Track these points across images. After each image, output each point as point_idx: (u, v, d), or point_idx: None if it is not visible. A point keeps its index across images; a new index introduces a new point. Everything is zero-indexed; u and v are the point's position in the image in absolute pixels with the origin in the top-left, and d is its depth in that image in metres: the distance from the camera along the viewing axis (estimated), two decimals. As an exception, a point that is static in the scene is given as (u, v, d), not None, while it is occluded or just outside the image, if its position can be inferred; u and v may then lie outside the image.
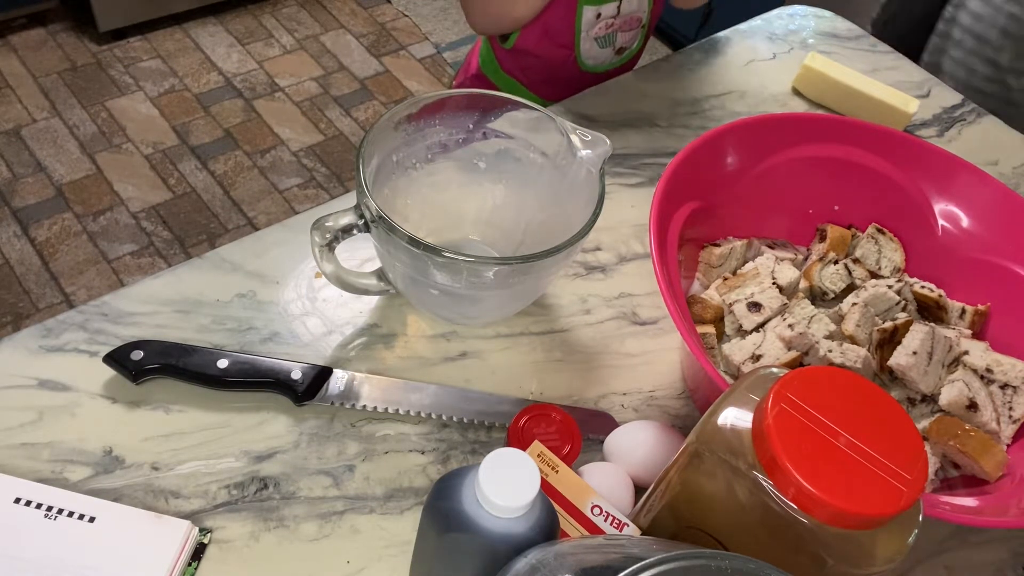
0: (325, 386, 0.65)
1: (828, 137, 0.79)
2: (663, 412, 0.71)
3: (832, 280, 0.77)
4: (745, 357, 0.70)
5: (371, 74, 2.45)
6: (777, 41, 1.13)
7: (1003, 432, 0.69)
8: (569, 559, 0.40)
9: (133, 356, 0.64)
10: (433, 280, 0.64)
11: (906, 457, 0.42)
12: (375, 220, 0.61)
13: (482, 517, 0.43)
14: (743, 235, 0.80)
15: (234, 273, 0.73)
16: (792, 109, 1.03)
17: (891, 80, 1.06)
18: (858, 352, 0.69)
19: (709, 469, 0.47)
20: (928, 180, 0.79)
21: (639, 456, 0.63)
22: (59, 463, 0.60)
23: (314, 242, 0.64)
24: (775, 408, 0.42)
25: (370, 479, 0.63)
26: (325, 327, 0.71)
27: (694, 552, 0.35)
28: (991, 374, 0.70)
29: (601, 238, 0.83)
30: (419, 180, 0.73)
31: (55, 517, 0.55)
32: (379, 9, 2.66)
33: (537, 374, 0.71)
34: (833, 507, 0.40)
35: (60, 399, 0.63)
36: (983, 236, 0.77)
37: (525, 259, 0.61)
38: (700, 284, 0.78)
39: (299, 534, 0.60)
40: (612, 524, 0.55)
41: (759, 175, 0.78)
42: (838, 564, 0.43)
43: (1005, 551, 0.68)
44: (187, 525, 0.57)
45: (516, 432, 0.63)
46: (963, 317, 0.76)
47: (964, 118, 1.07)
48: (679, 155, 0.71)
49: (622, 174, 0.89)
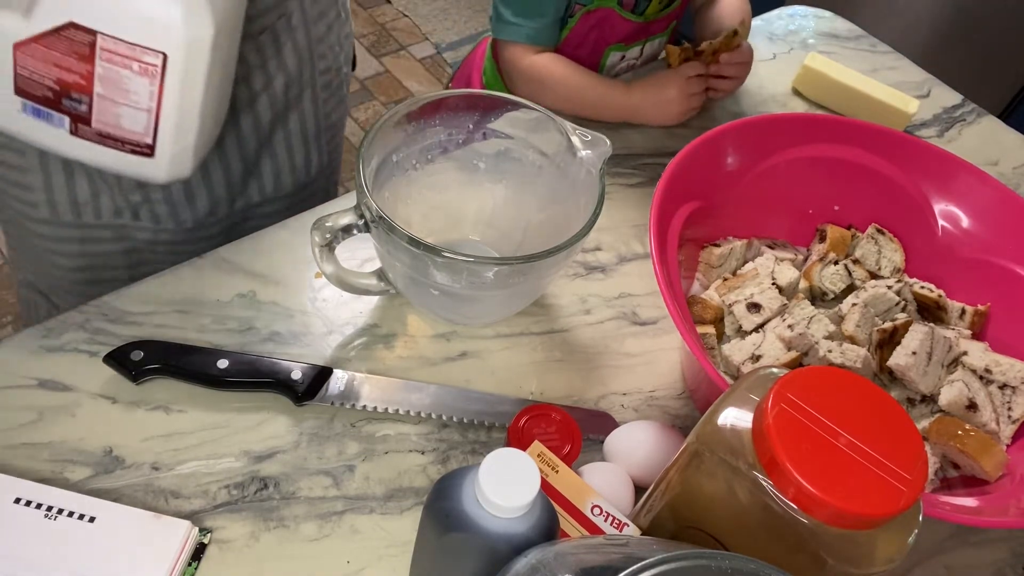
0: (325, 386, 0.65)
1: (828, 137, 0.79)
2: (663, 412, 0.71)
3: (832, 281, 0.77)
4: (745, 357, 0.70)
5: (371, 74, 2.45)
6: (777, 41, 1.13)
7: (1002, 432, 0.69)
8: (569, 559, 0.40)
9: (133, 356, 0.64)
10: (433, 280, 0.64)
11: (906, 457, 0.42)
12: (375, 220, 0.61)
13: (482, 517, 0.43)
14: (743, 235, 0.80)
15: (234, 273, 0.73)
16: (792, 109, 1.03)
17: (891, 80, 1.06)
18: (858, 352, 0.69)
19: (709, 469, 0.47)
20: (928, 180, 0.79)
21: (639, 456, 0.63)
22: (59, 463, 0.60)
23: (314, 242, 0.64)
24: (775, 408, 0.42)
25: (370, 479, 0.63)
26: (325, 327, 0.71)
27: (694, 552, 0.36)
28: (990, 374, 0.70)
29: (601, 238, 0.83)
30: (419, 180, 0.73)
31: (55, 517, 0.55)
32: (379, 9, 2.66)
33: (537, 374, 0.71)
34: (833, 507, 0.40)
35: (60, 399, 0.63)
36: (983, 236, 0.77)
37: (525, 259, 0.61)
38: (700, 284, 0.78)
39: (299, 534, 0.60)
40: (612, 524, 0.55)
41: (759, 175, 0.78)
42: (838, 564, 0.43)
43: (1005, 551, 0.68)
44: (187, 525, 0.57)
45: (516, 432, 0.63)
46: (963, 317, 0.76)
47: (964, 118, 1.07)
48: (679, 155, 0.71)
49: (622, 174, 0.89)
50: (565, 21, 0.96)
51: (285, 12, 0.79)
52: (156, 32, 0.61)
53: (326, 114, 0.91)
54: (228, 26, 0.65)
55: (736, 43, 0.94)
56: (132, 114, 0.65)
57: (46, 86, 0.64)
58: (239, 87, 0.79)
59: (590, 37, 0.98)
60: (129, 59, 0.62)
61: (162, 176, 0.70)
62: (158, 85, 0.63)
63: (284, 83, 0.83)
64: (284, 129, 0.86)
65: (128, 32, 0.61)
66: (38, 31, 0.61)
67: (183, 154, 0.69)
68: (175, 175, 0.70)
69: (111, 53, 0.61)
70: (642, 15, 0.98)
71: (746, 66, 0.96)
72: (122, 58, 0.62)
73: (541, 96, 0.90)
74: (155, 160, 0.68)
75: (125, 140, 0.66)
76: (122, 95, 0.64)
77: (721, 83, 0.96)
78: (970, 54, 1.84)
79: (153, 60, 0.62)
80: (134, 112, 0.65)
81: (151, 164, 0.68)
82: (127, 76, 0.63)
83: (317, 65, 0.86)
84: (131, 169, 0.69)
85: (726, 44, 0.94)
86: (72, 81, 0.63)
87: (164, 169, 0.69)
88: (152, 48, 0.62)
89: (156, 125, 0.66)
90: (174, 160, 0.69)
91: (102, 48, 0.61)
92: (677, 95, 0.91)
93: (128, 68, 0.62)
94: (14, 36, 0.62)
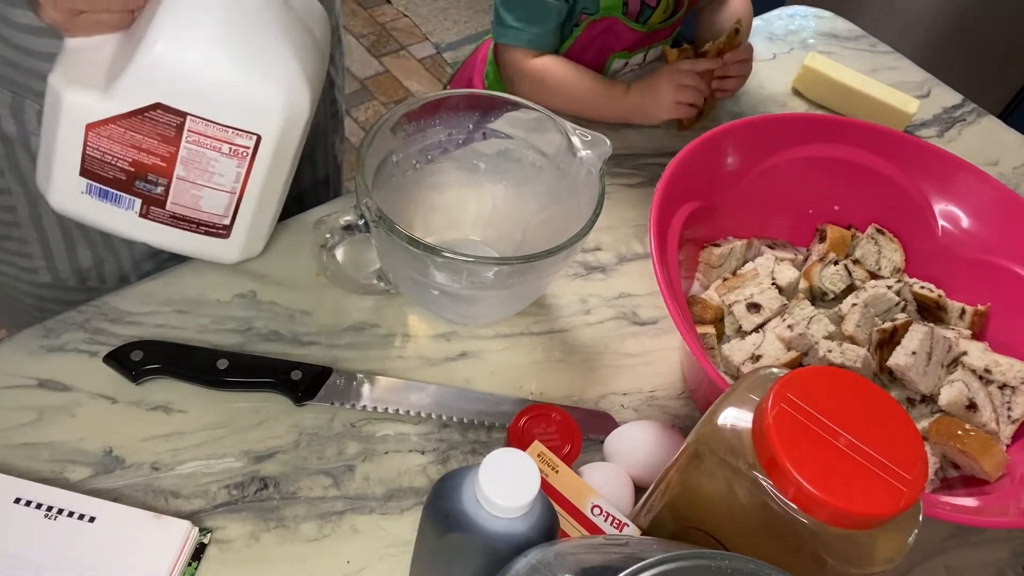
0: (325, 386, 0.65)
1: (828, 137, 0.79)
2: (663, 412, 0.71)
3: (832, 281, 0.77)
4: (745, 358, 0.70)
5: (371, 74, 2.45)
6: (777, 41, 1.13)
7: (1002, 432, 0.69)
8: (569, 559, 0.40)
9: (133, 356, 0.64)
10: (433, 280, 0.64)
11: (906, 457, 0.42)
12: (375, 220, 0.61)
13: (482, 517, 0.43)
14: (743, 235, 0.80)
15: (234, 273, 0.73)
16: (792, 109, 1.03)
17: (891, 80, 1.06)
18: (858, 352, 0.69)
19: (709, 469, 0.47)
20: (928, 180, 0.79)
21: (639, 456, 0.63)
22: (59, 463, 0.60)
23: (314, 242, 0.64)
24: (775, 408, 0.42)
25: (370, 479, 0.63)
26: (325, 327, 0.71)
27: (694, 552, 0.36)
28: (990, 374, 0.70)
29: (601, 238, 0.83)
30: (419, 180, 0.73)
31: (55, 517, 0.55)
32: (379, 9, 2.66)
33: (537, 374, 0.71)
34: (833, 507, 0.40)
35: (60, 399, 0.63)
36: (983, 236, 0.77)
37: (525, 259, 0.61)
38: (700, 284, 0.78)
39: (299, 534, 0.60)
40: (612, 524, 0.55)
41: (759, 175, 0.78)
42: (838, 564, 0.43)
43: (1005, 551, 0.68)
44: (187, 525, 0.57)
45: (516, 432, 0.63)
46: (963, 317, 0.76)
47: (964, 118, 1.07)
48: (679, 155, 0.71)
49: (622, 174, 0.89)
50: (571, 29, 0.97)
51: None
52: (253, 113, 0.57)
53: (335, 156, 0.90)
54: (314, 104, 0.61)
55: (738, 41, 0.94)
56: (213, 195, 0.60)
57: (119, 167, 0.58)
58: None
59: (595, 44, 0.99)
60: (220, 141, 0.57)
61: (235, 257, 0.66)
62: (247, 167, 0.59)
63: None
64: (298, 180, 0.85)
65: (222, 114, 0.56)
66: (118, 111, 0.55)
67: (257, 235, 0.65)
68: (247, 255, 0.66)
69: (199, 135, 0.56)
70: (646, 24, 0.99)
71: (748, 63, 0.97)
72: (212, 140, 0.57)
73: (543, 98, 0.90)
74: (229, 241, 0.64)
75: (201, 222, 0.62)
76: (205, 177, 0.59)
77: (727, 82, 0.96)
78: (970, 54, 1.84)
79: (246, 142, 0.57)
80: (216, 194, 0.60)
81: (223, 245, 0.64)
82: (214, 158, 0.58)
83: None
84: (202, 249, 0.64)
85: (729, 43, 0.94)
86: (151, 163, 0.58)
87: (238, 250, 0.65)
88: (247, 130, 0.57)
89: (237, 207, 0.61)
90: (249, 240, 0.65)
91: (190, 130, 0.56)
92: (667, 85, 0.91)
93: (217, 151, 0.58)
94: (88, 115, 0.56)
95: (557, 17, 0.94)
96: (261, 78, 0.56)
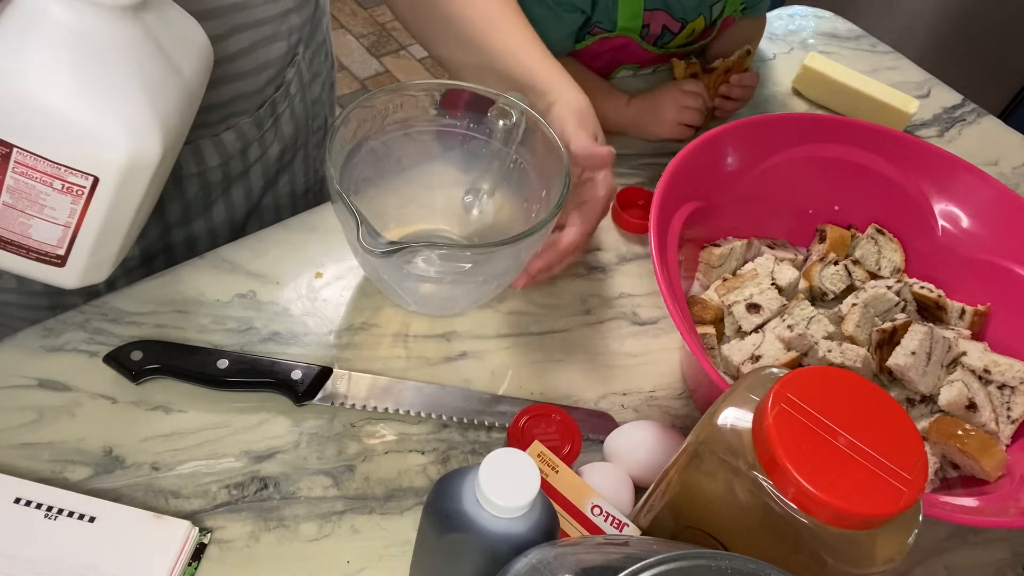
0: (325, 386, 0.65)
1: (828, 137, 0.79)
2: (663, 412, 0.71)
3: (832, 281, 0.77)
4: (744, 358, 0.70)
5: (371, 74, 2.45)
6: (777, 41, 1.13)
7: (1002, 432, 0.69)
8: (569, 559, 0.40)
9: (133, 356, 0.64)
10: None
11: (906, 457, 0.42)
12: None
13: (482, 517, 0.43)
14: (743, 235, 0.80)
15: (234, 273, 0.73)
16: (792, 109, 1.03)
17: (891, 80, 1.06)
18: (858, 352, 0.69)
19: (709, 469, 0.47)
20: (928, 180, 0.79)
21: (639, 456, 0.63)
22: (59, 463, 0.60)
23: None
24: (775, 408, 0.43)
25: (370, 479, 0.63)
26: (325, 327, 0.71)
27: (694, 552, 0.36)
28: (989, 375, 0.70)
29: (601, 238, 0.83)
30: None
31: (55, 517, 0.55)
32: (379, 9, 2.66)
33: (537, 374, 0.71)
34: (833, 507, 0.40)
35: (60, 399, 0.63)
36: (983, 236, 0.78)
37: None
38: (700, 284, 0.78)
39: (299, 534, 0.60)
40: (612, 524, 0.55)
41: (759, 175, 0.78)
42: (838, 564, 0.43)
43: (1005, 551, 0.68)
44: (187, 525, 0.57)
45: (516, 432, 0.63)
46: (963, 317, 0.76)
47: (964, 118, 1.07)
48: (679, 155, 0.71)
49: (622, 174, 0.89)
50: (583, 37, 0.96)
51: (283, 82, 0.78)
52: (89, 153, 0.52)
53: (315, 169, 0.90)
54: (174, 146, 0.56)
55: (747, 65, 0.95)
56: (45, 226, 0.56)
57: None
58: (233, 161, 0.77)
59: (605, 56, 0.98)
60: (51, 177, 0.52)
61: (71, 283, 0.61)
62: (82, 205, 0.54)
63: (279, 150, 0.81)
64: (274, 192, 0.85)
65: (51, 149, 0.51)
66: None
67: (99, 265, 0.61)
68: (87, 283, 0.62)
69: (27, 167, 0.52)
70: (664, 48, 0.98)
71: (752, 89, 0.97)
72: (41, 175, 0.52)
73: None
74: (65, 269, 0.59)
75: (31, 248, 0.57)
76: (36, 208, 0.54)
77: (728, 103, 0.96)
78: (970, 54, 1.84)
79: (81, 182, 0.52)
80: (48, 225, 0.55)
81: (59, 272, 0.60)
82: (45, 192, 0.53)
83: (311, 125, 0.85)
84: (35, 273, 0.60)
85: (739, 63, 0.94)
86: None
87: (75, 278, 0.61)
88: (81, 171, 0.52)
89: (72, 240, 0.57)
90: (88, 270, 0.60)
91: (17, 162, 0.51)
92: (670, 104, 0.91)
93: (48, 185, 0.53)
94: None
95: (567, 30, 0.94)
96: (100, 117, 0.51)
